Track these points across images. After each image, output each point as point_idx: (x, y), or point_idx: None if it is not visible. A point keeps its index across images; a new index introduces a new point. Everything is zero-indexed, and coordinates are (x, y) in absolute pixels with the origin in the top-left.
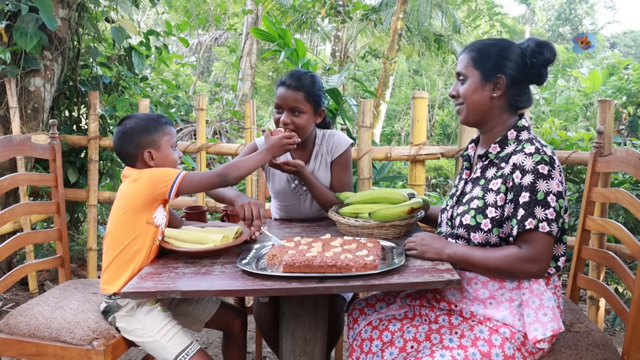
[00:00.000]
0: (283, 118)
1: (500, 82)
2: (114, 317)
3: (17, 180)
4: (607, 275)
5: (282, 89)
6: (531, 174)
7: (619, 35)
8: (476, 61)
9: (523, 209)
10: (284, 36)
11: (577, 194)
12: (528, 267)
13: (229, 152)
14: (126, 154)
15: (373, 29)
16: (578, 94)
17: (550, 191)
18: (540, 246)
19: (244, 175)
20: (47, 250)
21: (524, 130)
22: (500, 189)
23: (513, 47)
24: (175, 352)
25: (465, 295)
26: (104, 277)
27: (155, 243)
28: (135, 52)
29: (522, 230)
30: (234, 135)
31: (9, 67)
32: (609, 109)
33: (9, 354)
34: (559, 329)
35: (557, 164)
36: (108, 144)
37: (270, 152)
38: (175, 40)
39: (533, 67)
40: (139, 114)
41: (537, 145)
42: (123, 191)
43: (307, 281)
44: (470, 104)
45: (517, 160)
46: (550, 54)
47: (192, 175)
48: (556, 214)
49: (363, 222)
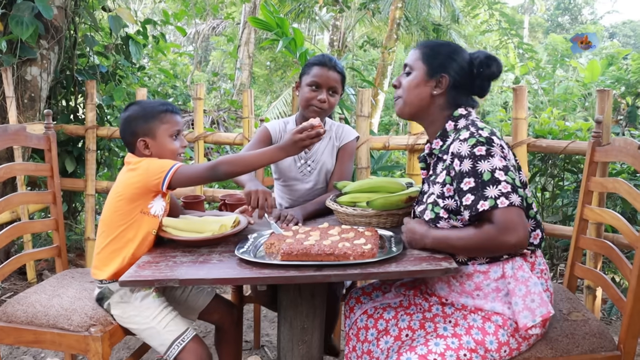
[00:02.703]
0: (322, 96)
1: (443, 81)
2: (109, 304)
3: (13, 169)
4: (604, 265)
5: (322, 69)
6: (469, 159)
7: (618, 25)
8: (425, 56)
9: (471, 194)
10: (282, 25)
11: (575, 184)
12: (505, 239)
13: (226, 141)
14: (125, 141)
15: (371, 18)
16: (577, 84)
17: (495, 168)
18: (509, 217)
19: (239, 172)
20: (45, 240)
21: (461, 118)
22: (446, 180)
23: (464, 53)
24: (172, 337)
25: (453, 288)
26: (95, 261)
27: (152, 233)
28: (132, 41)
29: (475, 213)
30: (231, 124)
31: (5, 56)
32: (608, 99)
33: (8, 341)
34: (548, 313)
35: (496, 142)
36: (105, 133)
37: (285, 150)
38: (173, 29)
39: (478, 77)
40: (145, 101)
41: (472, 129)
42: (121, 179)
43: (305, 269)
44: (408, 96)
45: (454, 149)
46: (497, 69)
47: (184, 169)
48: (511, 186)
49: (361, 211)
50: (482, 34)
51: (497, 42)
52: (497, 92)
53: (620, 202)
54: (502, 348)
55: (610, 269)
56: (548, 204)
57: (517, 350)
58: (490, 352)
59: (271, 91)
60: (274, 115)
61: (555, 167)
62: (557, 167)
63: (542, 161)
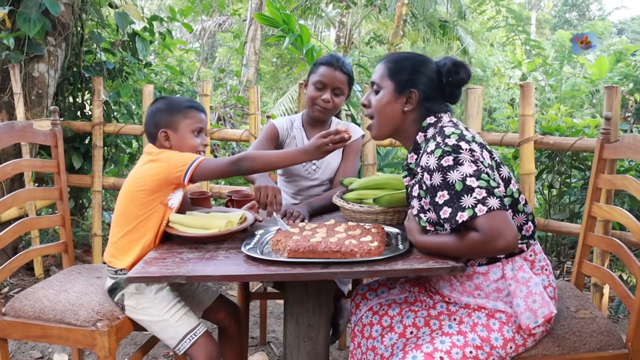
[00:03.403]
0: (326, 96)
1: (413, 97)
2: (122, 294)
3: (20, 166)
4: (611, 262)
5: (329, 69)
6: (438, 172)
7: (627, 21)
8: (391, 72)
9: (447, 206)
10: (288, 22)
11: (582, 181)
12: (493, 245)
13: (233, 137)
14: (148, 132)
15: (378, 15)
16: (584, 81)
17: (465, 176)
18: (493, 223)
19: (259, 170)
20: (53, 236)
21: (430, 127)
22: (420, 194)
23: (430, 63)
24: (184, 331)
25: (454, 287)
26: (112, 250)
27: (163, 224)
28: (139, 38)
29: (455, 225)
30: (238, 121)
31: (12, 53)
32: (616, 96)
33: (15, 336)
34: (550, 313)
35: (464, 147)
36: (112, 129)
37: (307, 154)
38: (179, 26)
39: (448, 85)
40: (172, 96)
41: (438, 139)
42: (141, 170)
43: (311, 267)
44: (380, 117)
45: (423, 162)
46: (465, 75)
47: (207, 162)
48: (486, 190)
49: (367, 207)
50: (488, 31)
51: (504, 38)
52: (504, 89)
53: (628, 199)
54: (507, 344)
55: (617, 267)
56: (555, 201)
57: (523, 346)
58: (496, 348)
59: (277, 88)
60: (280, 112)
61: (563, 164)
62: (564, 164)
63: (549, 158)
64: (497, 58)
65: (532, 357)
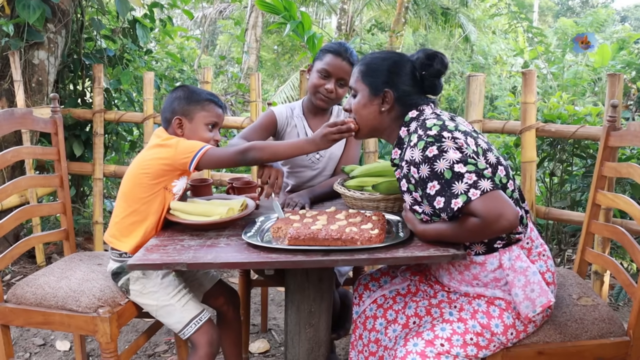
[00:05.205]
0: (330, 86)
1: (388, 97)
2: (127, 279)
3: (20, 153)
4: (612, 250)
5: (336, 59)
6: (424, 163)
7: (630, 8)
8: (365, 76)
9: (440, 196)
10: (289, 9)
11: (584, 169)
12: (497, 226)
13: (234, 125)
14: (163, 116)
15: (379, 2)
16: (586, 69)
17: (452, 163)
18: (490, 204)
19: (266, 160)
20: (54, 224)
21: (412, 121)
22: (410, 188)
23: (402, 61)
24: (189, 316)
25: (453, 276)
26: (113, 230)
27: (166, 210)
28: (139, 25)
29: (451, 213)
30: (239, 108)
31: (12, 40)
32: (619, 84)
33: (18, 323)
34: (548, 302)
35: (446, 135)
36: (113, 117)
37: (315, 144)
38: (180, 13)
39: (424, 79)
40: (195, 87)
41: (420, 132)
42: (148, 153)
43: (312, 254)
44: (360, 119)
45: (407, 156)
46: (440, 65)
47: (215, 151)
48: (475, 173)
49: (368, 195)
50: (491, 18)
51: (506, 25)
52: (506, 77)
53: (630, 187)
54: (508, 331)
55: (618, 255)
56: (556, 189)
57: (524, 332)
58: (496, 335)
59: (278, 75)
60: (281, 100)
61: (564, 152)
62: (565, 152)
63: (551, 146)
64: (499, 46)
65: (533, 343)
